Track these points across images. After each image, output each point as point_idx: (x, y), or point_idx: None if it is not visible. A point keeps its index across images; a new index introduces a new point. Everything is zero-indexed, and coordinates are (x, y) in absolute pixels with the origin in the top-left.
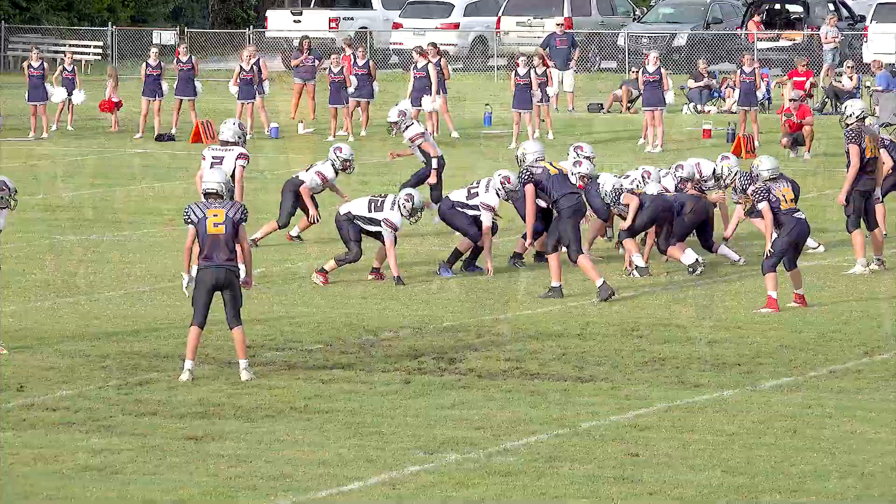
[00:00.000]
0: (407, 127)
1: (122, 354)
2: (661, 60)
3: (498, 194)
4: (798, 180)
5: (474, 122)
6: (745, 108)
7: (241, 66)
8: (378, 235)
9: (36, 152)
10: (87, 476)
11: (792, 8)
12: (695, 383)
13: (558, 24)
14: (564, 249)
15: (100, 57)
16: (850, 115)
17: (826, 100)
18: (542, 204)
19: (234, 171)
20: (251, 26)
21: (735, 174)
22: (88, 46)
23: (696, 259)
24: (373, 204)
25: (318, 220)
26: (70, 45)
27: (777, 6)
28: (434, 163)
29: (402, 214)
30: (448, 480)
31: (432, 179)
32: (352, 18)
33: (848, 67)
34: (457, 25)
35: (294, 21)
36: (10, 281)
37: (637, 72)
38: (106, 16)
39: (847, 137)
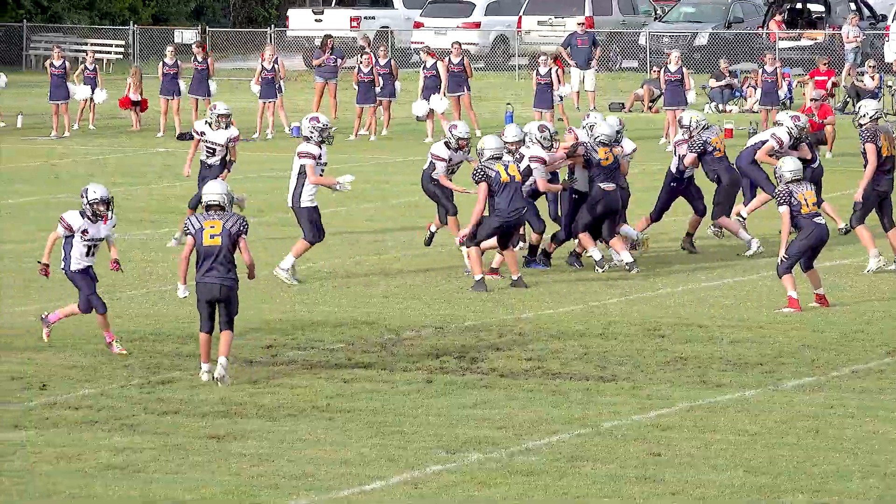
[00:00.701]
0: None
1: (145, 353)
2: (683, 60)
3: (543, 145)
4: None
5: (495, 120)
6: (767, 108)
7: (262, 66)
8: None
9: (57, 151)
10: (109, 475)
11: (813, 7)
12: (717, 383)
13: (579, 24)
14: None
15: (121, 56)
16: (864, 116)
17: (848, 99)
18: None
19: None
20: (272, 25)
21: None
22: (110, 45)
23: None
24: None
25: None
26: (92, 44)
27: (799, 5)
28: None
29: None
30: (470, 480)
31: None
32: (373, 17)
33: (870, 67)
34: (478, 24)
35: (315, 20)
36: (32, 280)
37: (658, 71)
38: (127, 15)
39: (863, 137)
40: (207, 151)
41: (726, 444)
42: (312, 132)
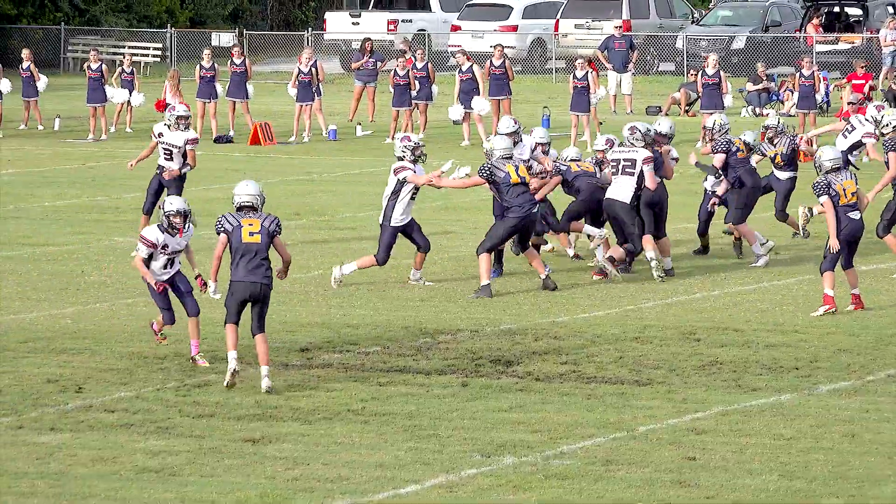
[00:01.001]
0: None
1: (180, 356)
2: (720, 63)
3: (635, 144)
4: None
5: (533, 123)
6: (804, 112)
7: (299, 69)
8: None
9: (95, 154)
10: (144, 478)
11: (851, 11)
12: (752, 387)
13: (616, 27)
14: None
15: (158, 59)
16: (888, 125)
17: (885, 102)
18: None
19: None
20: (310, 28)
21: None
22: (147, 48)
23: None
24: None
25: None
26: (129, 47)
27: (836, 9)
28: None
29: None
30: (505, 484)
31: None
32: (410, 21)
33: None
34: (515, 28)
35: (353, 23)
36: (68, 282)
37: (695, 74)
38: (165, 18)
39: (886, 146)
40: (165, 154)
41: (761, 448)
42: (405, 151)
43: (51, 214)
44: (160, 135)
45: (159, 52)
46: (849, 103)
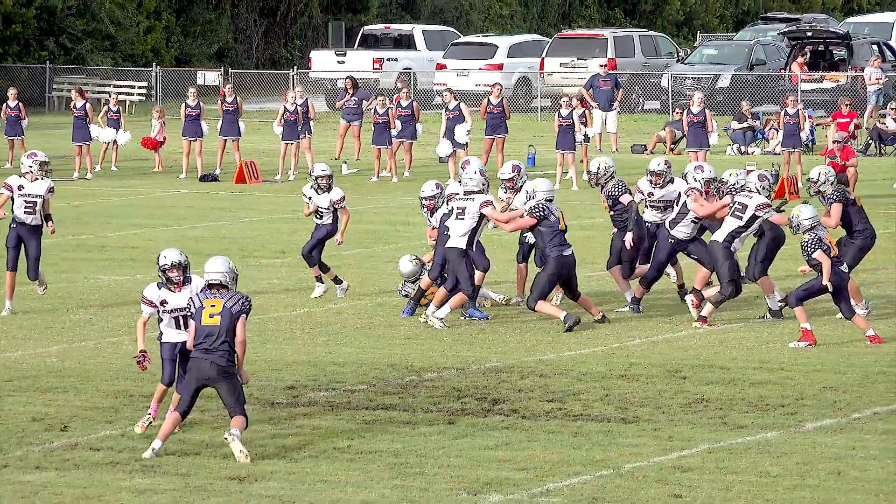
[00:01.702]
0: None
1: (166, 395)
2: (705, 102)
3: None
4: None
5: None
6: (789, 150)
7: (285, 107)
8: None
9: (80, 192)
10: None
11: (835, 50)
12: (738, 424)
13: (602, 65)
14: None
15: (144, 97)
16: (825, 182)
17: (870, 141)
18: None
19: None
20: (295, 67)
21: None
22: (133, 87)
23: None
24: None
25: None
26: (115, 86)
27: (821, 48)
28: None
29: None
30: None
31: None
32: (395, 59)
33: (892, 109)
34: (500, 66)
35: (338, 62)
36: (53, 321)
37: (681, 113)
38: (150, 56)
39: (829, 199)
40: (26, 208)
41: (748, 485)
42: (483, 184)
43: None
44: (20, 187)
45: (145, 91)
46: (834, 141)
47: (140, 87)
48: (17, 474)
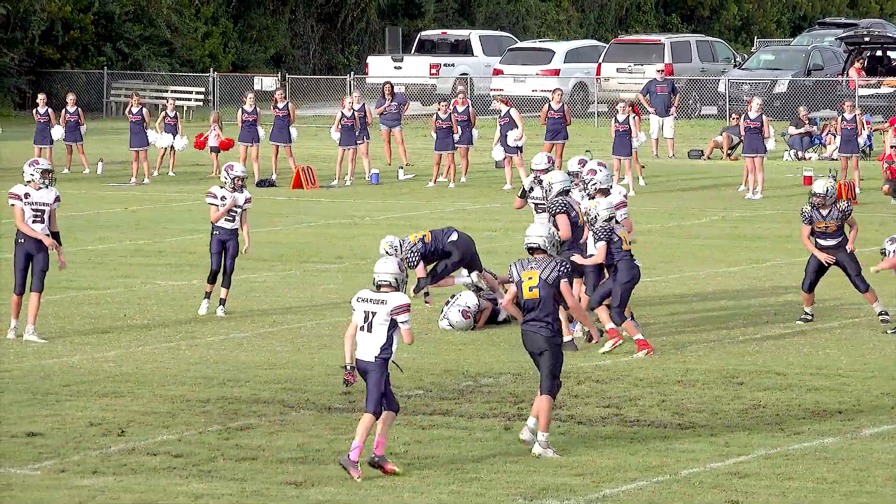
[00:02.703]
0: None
1: (223, 399)
2: (763, 107)
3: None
4: None
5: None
6: (847, 155)
7: (342, 112)
8: None
9: (137, 198)
10: None
11: (893, 55)
12: (795, 430)
13: (659, 71)
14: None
15: (201, 103)
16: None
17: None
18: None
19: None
20: (352, 72)
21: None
22: (190, 92)
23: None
24: None
25: None
26: (172, 91)
27: (878, 53)
28: None
29: None
30: None
31: None
32: (452, 65)
33: None
34: (557, 72)
35: (395, 67)
36: (111, 326)
37: (738, 118)
38: (207, 62)
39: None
40: (35, 218)
41: (805, 491)
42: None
43: (93, 258)
44: (26, 195)
45: (202, 97)
46: (891, 147)
47: (197, 93)
48: (74, 479)
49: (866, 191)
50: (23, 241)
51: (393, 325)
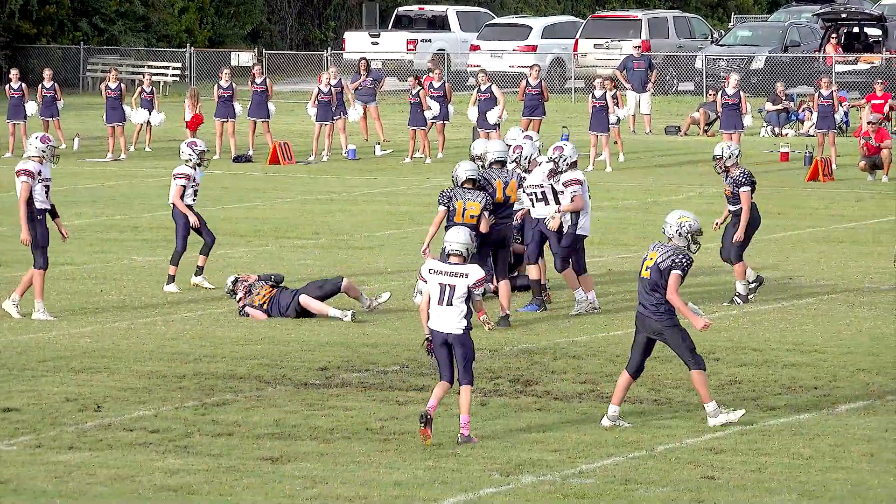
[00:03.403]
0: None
1: (199, 375)
2: (740, 84)
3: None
4: (876, 203)
5: (552, 143)
6: (823, 132)
7: (319, 88)
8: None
9: (113, 173)
10: (162, 496)
11: (870, 31)
12: (771, 406)
13: (636, 47)
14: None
15: (178, 78)
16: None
17: None
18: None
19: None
20: (329, 48)
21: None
22: (167, 68)
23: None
24: None
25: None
26: (148, 67)
27: (855, 29)
28: None
29: None
30: (524, 503)
31: None
32: (430, 40)
33: None
34: (534, 48)
35: (372, 43)
36: (86, 302)
37: (715, 94)
38: (184, 37)
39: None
40: (46, 193)
41: (780, 467)
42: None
43: (71, 233)
44: (40, 172)
45: (178, 72)
46: (868, 122)
47: (174, 68)
48: (50, 454)
49: (843, 167)
50: (41, 217)
51: (469, 296)
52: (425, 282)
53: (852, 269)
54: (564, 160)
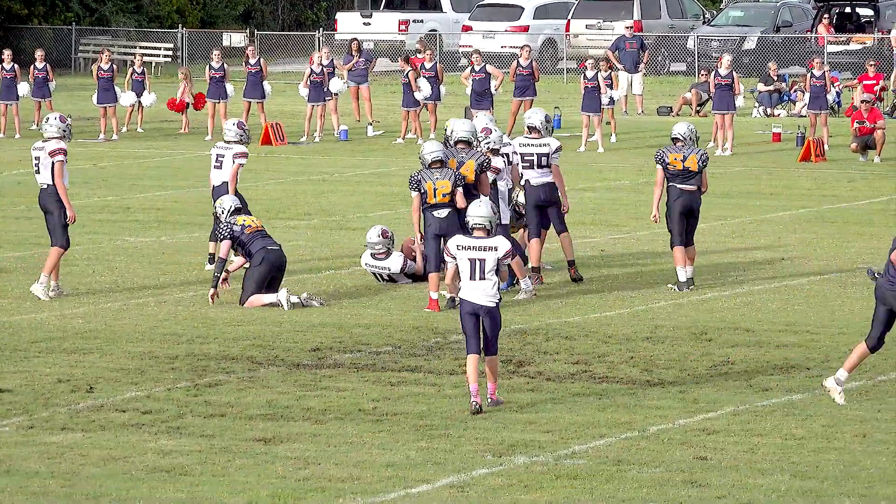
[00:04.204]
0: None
1: (191, 356)
2: (733, 64)
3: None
4: (868, 184)
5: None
6: (815, 112)
7: (311, 69)
8: None
9: (105, 154)
10: (155, 477)
11: (862, 11)
12: (764, 387)
13: (627, 27)
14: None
15: (169, 59)
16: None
17: None
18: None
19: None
20: (321, 28)
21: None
22: (158, 49)
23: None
24: None
25: None
26: (140, 48)
27: (847, 9)
28: None
29: None
30: (516, 483)
31: None
32: (421, 21)
33: None
34: (526, 28)
35: (364, 24)
36: (79, 283)
37: (707, 75)
38: (175, 18)
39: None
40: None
41: (773, 448)
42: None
43: None
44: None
45: (170, 53)
46: (861, 101)
47: (165, 49)
48: (43, 435)
49: (835, 147)
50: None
51: (498, 268)
52: (453, 258)
53: (845, 250)
54: (488, 144)
